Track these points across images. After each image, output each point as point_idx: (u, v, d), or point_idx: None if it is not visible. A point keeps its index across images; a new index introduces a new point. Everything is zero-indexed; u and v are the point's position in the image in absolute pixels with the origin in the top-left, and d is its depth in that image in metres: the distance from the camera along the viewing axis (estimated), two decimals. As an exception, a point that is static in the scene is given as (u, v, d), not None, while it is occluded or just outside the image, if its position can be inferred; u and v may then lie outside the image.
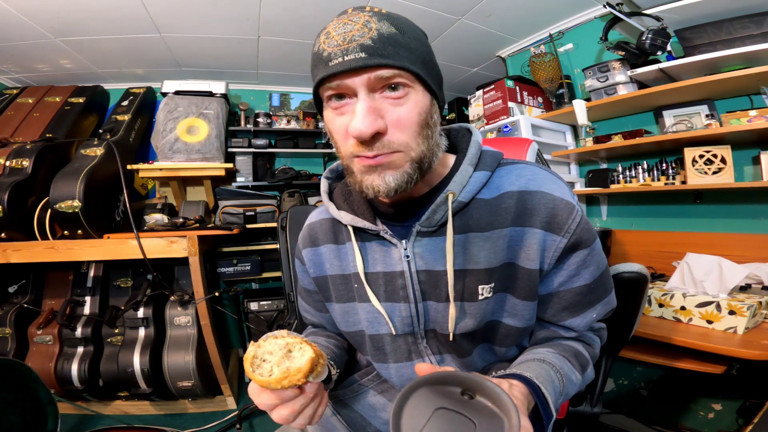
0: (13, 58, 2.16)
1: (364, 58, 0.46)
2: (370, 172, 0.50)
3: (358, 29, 0.47)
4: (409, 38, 0.49)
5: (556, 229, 0.54)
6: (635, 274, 0.82)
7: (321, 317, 0.76)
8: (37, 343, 1.81)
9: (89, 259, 1.80)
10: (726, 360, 1.20)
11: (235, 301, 2.59)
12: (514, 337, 0.60)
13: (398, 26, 0.49)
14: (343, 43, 0.47)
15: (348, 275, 0.64)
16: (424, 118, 0.51)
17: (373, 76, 0.47)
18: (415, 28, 0.52)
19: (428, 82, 0.51)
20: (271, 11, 1.88)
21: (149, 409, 1.99)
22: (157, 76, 2.49)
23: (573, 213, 0.55)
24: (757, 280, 1.36)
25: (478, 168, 0.57)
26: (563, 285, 0.58)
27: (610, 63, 1.80)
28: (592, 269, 0.58)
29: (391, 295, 0.60)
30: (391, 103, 0.49)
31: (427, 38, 0.55)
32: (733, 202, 1.62)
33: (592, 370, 0.63)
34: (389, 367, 0.65)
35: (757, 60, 1.39)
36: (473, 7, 1.90)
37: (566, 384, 0.54)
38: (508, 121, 2.04)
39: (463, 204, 0.56)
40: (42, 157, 1.79)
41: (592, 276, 0.58)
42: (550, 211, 0.54)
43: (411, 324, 0.61)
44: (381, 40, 0.47)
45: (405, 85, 0.49)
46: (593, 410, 0.90)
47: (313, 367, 0.40)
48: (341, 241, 0.65)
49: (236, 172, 2.62)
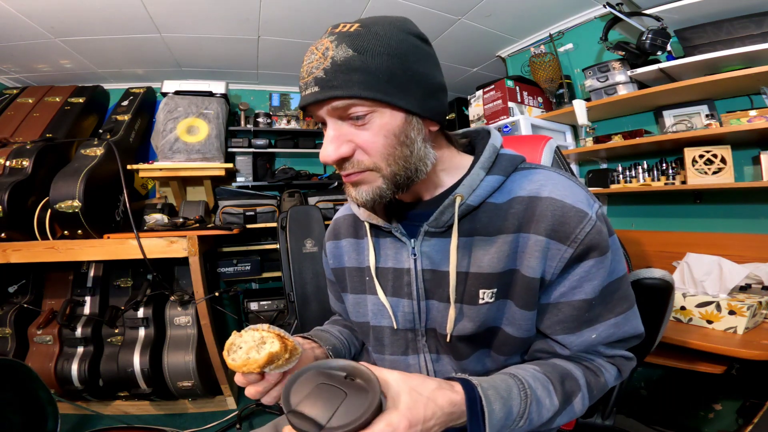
0: (13, 58, 2.16)
1: (316, 93, 0.49)
2: (349, 186, 0.56)
3: (316, 60, 0.49)
4: (371, 57, 0.47)
5: (563, 238, 0.52)
6: (658, 281, 0.74)
7: (339, 307, 0.81)
8: (37, 343, 1.81)
9: (89, 259, 1.80)
10: (726, 360, 1.20)
11: (235, 301, 2.59)
12: (513, 346, 0.58)
13: (358, 46, 0.47)
14: (306, 76, 0.50)
15: (363, 268, 0.68)
16: (392, 140, 0.51)
17: (330, 107, 0.50)
18: (388, 42, 0.49)
19: (394, 103, 0.49)
20: (271, 11, 1.88)
21: (149, 409, 1.99)
22: (157, 76, 2.49)
23: (583, 221, 0.51)
24: (757, 280, 1.36)
25: (492, 172, 0.57)
26: (563, 296, 0.55)
27: (610, 63, 1.80)
28: (596, 284, 0.53)
29: (397, 290, 0.63)
30: (357, 128, 0.51)
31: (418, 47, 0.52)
32: (733, 202, 1.62)
33: (584, 400, 0.55)
34: (385, 359, 0.66)
35: (757, 60, 1.39)
36: (473, 7, 1.90)
37: (530, 404, 0.49)
38: (508, 121, 2.04)
39: (472, 207, 0.56)
40: (42, 157, 1.79)
41: (594, 291, 0.53)
42: (557, 219, 0.52)
43: (412, 320, 0.62)
44: (333, 70, 0.47)
45: (366, 112, 0.49)
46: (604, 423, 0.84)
47: (272, 359, 0.47)
48: (360, 236, 0.69)
49: (236, 172, 2.62)
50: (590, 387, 0.55)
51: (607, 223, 0.55)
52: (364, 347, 0.81)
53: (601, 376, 0.57)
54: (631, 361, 0.60)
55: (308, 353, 0.63)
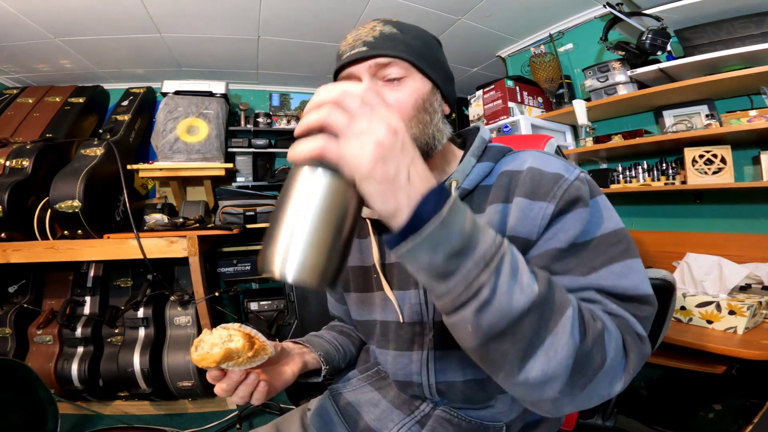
0: (13, 58, 2.16)
1: (364, 51, 0.56)
2: None
3: (365, 32, 0.58)
4: (410, 37, 0.58)
5: (542, 196, 0.50)
6: (659, 281, 0.72)
7: (341, 310, 0.82)
8: (37, 343, 1.81)
9: (89, 259, 1.80)
10: (726, 360, 1.20)
11: (235, 301, 2.59)
12: None
13: (400, 28, 0.58)
14: (352, 42, 0.57)
15: (368, 267, 0.68)
16: (421, 103, 0.56)
17: (373, 63, 0.56)
18: (421, 32, 0.61)
19: (426, 72, 0.57)
20: (271, 11, 1.88)
21: (149, 409, 1.99)
22: (157, 76, 2.49)
23: (560, 180, 0.51)
24: (757, 280, 1.36)
25: (482, 160, 0.61)
26: (538, 248, 0.50)
27: (610, 63, 1.79)
28: (571, 234, 0.48)
29: (403, 283, 0.63)
30: (390, 88, 0.56)
31: (439, 45, 0.64)
32: (733, 202, 1.62)
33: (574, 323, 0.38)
34: (388, 353, 0.66)
35: (757, 60, 1.39)
36: (473, 7, 1.90)
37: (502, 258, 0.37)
38: (508, 121, 2.04)
39: (468, 191, 0.58)
40: (42, 157, 1.79)
41: (570, 239, 0.48)
42: (536, 182, 0.52)
43: (420, 312, 0.61)
44: (381, 38, 0.56)
45: (403, 75, 0.56)
46: (605, 424, 0.83)
47: (229, 356, 0.49)
48: (363, 235, 0.69)
49: (236, 172, 2.62)
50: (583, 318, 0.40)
51: (591, 184, 0.53)
52: (363, 348, 0.81)
53: (598, 321, 0.42)
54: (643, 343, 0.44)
55: (296, 358, 0.65)
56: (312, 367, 0.68)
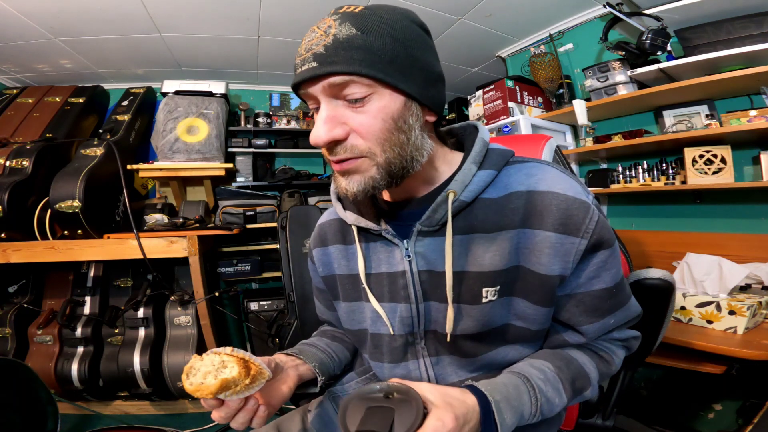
0: (13, 58, 2.16)
1: (314, 68, 0.46)
2: (338, 176, 0.53)
3: (317, 37, 0.47)
4: (374, 37, 0.46)
5: (573, 231, 0.51)
6: (659, 281, 0.75)
7: (331, 315, 0.78)
8: (37, 343, 1.81)
9: (89, 259, 1.80)
10: (726, 360, 1.20)
11: (235, 301, 2.59)
12: (529, 337, 0.58)
13: (362, 26, 0.46)
14: (303, 53, 0.48)
15: (355, 275, 0.65)
16: (391, 123, 0.49)
17: (326, 84, 0.47)
18: (391, 24, 0.48)
19: (396, 84, 0.47)
20: (271, 11, 1.88)
21: (149, 409, 1.99)
22: (157, 76, 2.49)
23: (589, 212, 0.52)
24: (757, 280, 1.36)
25: (483, 167, 0.55)
26: (582, 287, 0.55)
27: (610, 63, 1.79)
28: (614, 272, 0.55)
29: (393, 295, 0.60)
30: (353, 110, 0.48)
31: (423, 33, 0.53)
32: (733, 202, 1.62)
33: (594, 389, 0.58)
34: (383, 366, 0.65)
35: (757, 60, 1.39)
36: (473, 7, 1.90)
37: (540, 406, 0.52)
38: (508, 121, 2.04)
39: (466, 203, 0.54)
40: (42, 157, 1.79)
41: (614, 279, 0.55)
42: (563, 212, 0.51)
43: (411, 324, 0.60)
44: (335, 46, 0.45)
45: (366, 93, 0.47)
46: (605, 423, 0.83)
47: (226, 386, 0.46)
48: (349, 241, 0.66)
49: (236, 172, 2.62)
50: (601, 376, 0.60)
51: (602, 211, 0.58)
52: (357, 355, 0.79)
53: (612, 363, 0.61)
54: (638, 339, 0.64)
55: (290, 372, 0.61)
56: (307, 379, 0.65)
